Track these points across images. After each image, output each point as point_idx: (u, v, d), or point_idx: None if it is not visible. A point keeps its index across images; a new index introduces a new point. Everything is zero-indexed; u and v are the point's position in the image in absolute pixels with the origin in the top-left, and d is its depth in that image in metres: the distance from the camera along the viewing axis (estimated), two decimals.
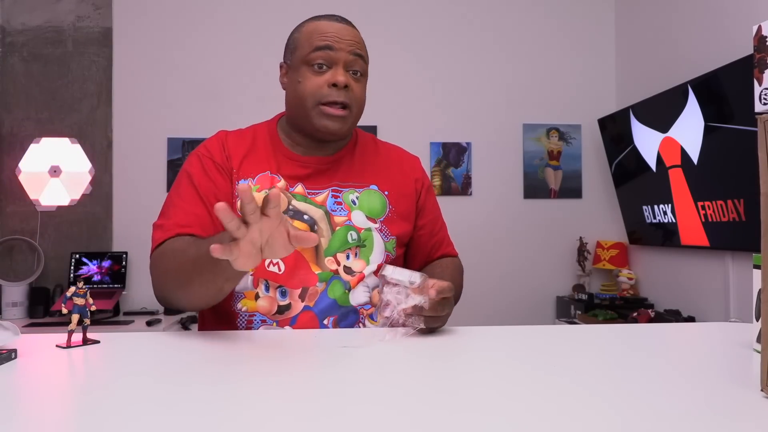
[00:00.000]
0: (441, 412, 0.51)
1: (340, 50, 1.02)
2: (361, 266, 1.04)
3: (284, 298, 0.99)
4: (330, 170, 1.08)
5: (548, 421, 0.49)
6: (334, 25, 1.05)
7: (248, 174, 1.04)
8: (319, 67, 1.02)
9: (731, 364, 0.69)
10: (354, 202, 1.06)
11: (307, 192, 1.05)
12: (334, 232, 1.03)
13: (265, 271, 0.99)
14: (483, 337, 0.91)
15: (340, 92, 1.01)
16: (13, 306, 2.81)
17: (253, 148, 1.08)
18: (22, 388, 0.60)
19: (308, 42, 1.04)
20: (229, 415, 0.50)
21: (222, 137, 1.09)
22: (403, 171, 1.15)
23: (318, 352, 0.78)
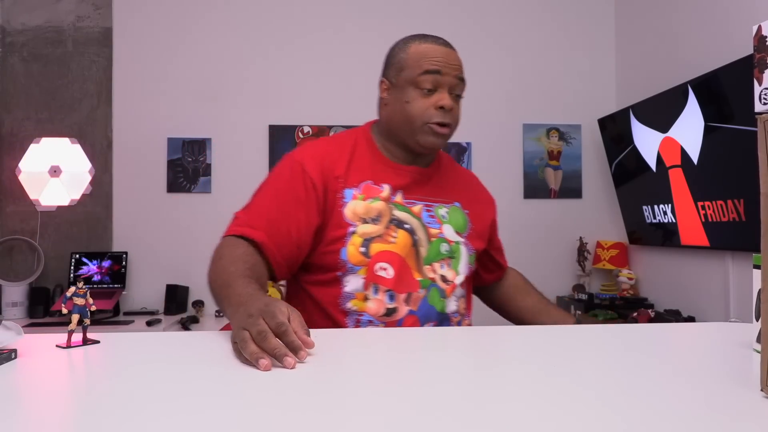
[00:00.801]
0: (441, 412, 0.51)
1: (447, 75, 1.09)
2: (453, 276, 1.12)
3: (392, 301, 1.05)
4: (424, 182, 1.16)
5: (548, 421, 0.49)
6: (441, 49, 1.11)
7: (354, 182, 1.09)
8: (428, 91, 1.09)
9: (731, 364, 0.69)
10: (444, 216, 1.15)
11: (404, 201, 1.11)
12: (431, 242, 1.10)
13: (375, 275, 1.04)
14: (483, 337, 0.91)
15: (445, 114, 1.09)
16: (13, 306, 2.81)
17: (353, 156, 1.13)
18: (22, 388, 0.60)
19: (417, 65, 1.09)
20: (229, 415, 0.50)
21: (321, 149, 1.13)
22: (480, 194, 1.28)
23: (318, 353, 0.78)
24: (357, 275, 1.04)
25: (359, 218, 1.06)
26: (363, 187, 1.09)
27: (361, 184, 1.09)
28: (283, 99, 3.15)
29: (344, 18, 3.20)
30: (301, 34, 3.17)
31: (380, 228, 1.06)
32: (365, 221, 1.06)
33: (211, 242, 3.54)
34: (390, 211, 1.08)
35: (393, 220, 1.08)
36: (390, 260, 1.05)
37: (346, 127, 3.14)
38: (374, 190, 1.09)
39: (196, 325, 2.79)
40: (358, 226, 1.06)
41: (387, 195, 1.10)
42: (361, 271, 1.04)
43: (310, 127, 3.14)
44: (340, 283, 1.05)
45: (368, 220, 1.06)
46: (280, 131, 3.13)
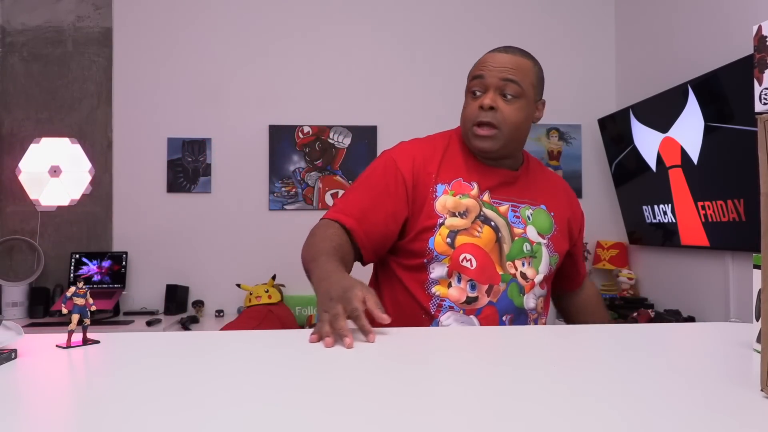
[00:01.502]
0: (440, 412, 0.51)
1: (490, 77, 1.14)
2: (533, 274, 1.17)
3: (473, 290, 1.11)
4: (512, 183, 1.21)
5: (548, 421, 0.49)
6: (496, 54, 1.17)
7: (446, 179, 1.16)
8: (474, 94, 1.16)
9: (731, 364, 0.69)
10: (529, 217, 1.20)
11: (492, 201, 1.17)
12: (514, 240, 1.16)
13: (459, 265, 1.11)
14: (483, 337, 0.91)
15: (486, 113, 1.13)
16: (13, 306, 2.81)
17: (446, 154, 1.20)
18: (22, 388, 0.60)
19: (471, 72, 1.19)
20: (229, 415, 0.50)
21: (415, 147, 1.21)
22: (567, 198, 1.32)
23: (318, 353, 0.78)
24: (442, 263, 1.12)
25: (448, 211, 1.13)
26: (454, 184, 1.16)
27: (452, 181, 1.16)
28: (283, 99, 3.15)
29: (344, 18, 3.20)
30: (302, 35, 3.17)
31: (467, 222, 1.13)
32: (454, 215, 1.13)
33: (211, 242, 3.56)
34: (478, 208, 1.15)
35: (480, 216, 1.14)
36: (474, 252, 1.11)
37: (346, 127, 3.15)
38: (464, 187, 1.16)
39: (196, 325, 2.79)
40: (447, 218, 1.13)
41: (476, 193, 1.16)
42: (445, 260, 1.11)
43: (310, 127, 3.14)
44: (426, 269, 1.13)
45: (456, 214, 1.13)
46: (280, 131, 3.13)
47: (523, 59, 1.18)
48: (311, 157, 3.14)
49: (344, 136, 3.15)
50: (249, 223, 3.10)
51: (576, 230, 1.31)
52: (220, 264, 3.07)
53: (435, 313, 1.12)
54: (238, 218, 3.10)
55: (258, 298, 2.79)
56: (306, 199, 3.13)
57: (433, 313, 1.12)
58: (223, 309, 3.00)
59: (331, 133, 3.14)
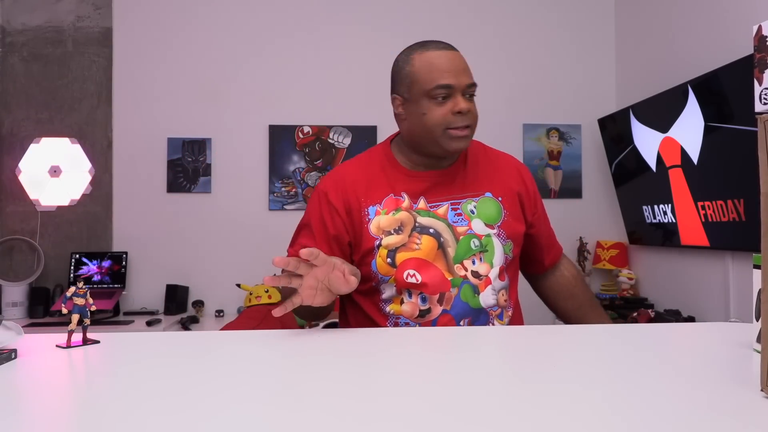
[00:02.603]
0: (440, 412, 0.51)
1: (458, 85, 1.12)
2: (486, 269, 1.14)
3: (425, 303, 1.11)
4: (447, 182, 1.18)
5: (548, 421, 0.49)
6: (446, 55, 1.13)
7: (375, 200, 1.16)
8: (442, 99, 1.12)
9: (731, 364, 0.69)
10: (472, 211, 1.17)
11: (428, 206, 1.15)
12: (458, 241, 1.13)
13: (405, 282, 1.11)
14: (483, 337, 0.91)
15: (464, 117, 1.13)
16: (13, 306, 2.81)
17: (372, 174, 1.19)
18: (22, 388, 0.60)
19: (428, 77, 1.12)
20: (229, 415, 0.50)
21: (339, 175, 1.20)
22: (512, 175, 1.25)
23: (319, 353, 0.78)
24: (389, 284, 1.12)
25: (383, 231, 1.13)
26: (385, 202, 1.15)
27: (383, 200, 1.16)
28: (283, 99, 3.15)
29: (344, 18, 3.20)
30: (302, 35, 3.17)
31: (403, 237, 1.13)
32: (389, 233, 1.13)
33: (211, 242, 3.56)
34: (413, 220, 1.14)
35: (416, 227, 1.13)
36: (416, 266, 1.11)
37: (346, 127, 3.15)
38: (395, 202, 1.15)
39: (196, 325, 2.79)
40: (383, 238, 1.13)
41: (408, 204, 1.15)
42: (390, 280, 1.12)
43: (310, 127, 3.14)
44: (378, 291, 1.14)
45: (392, 232, 1.13)
46: (280, 131, 3.13)
47: (461, 55, 1.17)
48: (311, 157, 3.14)
49: (344, 136, 3.15)
50: (249, 223, 3.10)
51: (530, 207, 1.25)
52: (220, 264, 3.07)
53: None
54: (238, 218, 3.10)
55: (258, 298, 2.79)
56: (306, 199, 3.13)
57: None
58: (223, 309, 3.00)
59: (331, 133, 3.14)
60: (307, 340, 0.87)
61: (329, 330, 1.00)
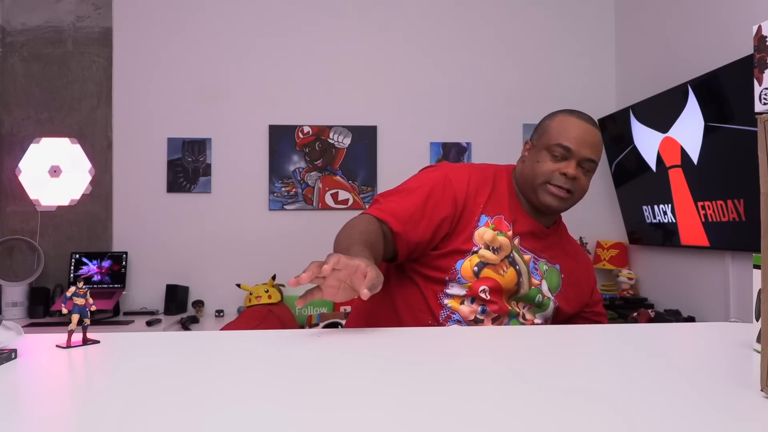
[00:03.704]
0: (439, 412, 0.51)
1: (577, 153, 1.20)
2: (531, 319, 1.24)
3: (483, 314, 1.18)
4: (540, 238, 1.28)
5: (548, 421, 0.49)
6: (582, 125, 1.22)
7: (490, 212, 1.22)
8: (554, 156, 1.21)
9: (731, 364, 0.69)
10: (545, 273, 1.27)
11: (520, 247, 1.24)
12: (531, 289, 1.23)
13: (477, 294, 1.17)
14: (483, 337, 0.91)
15: (567, 181, 1.20)
16: (13, 306, 2.81)
17: (495, 189, 1.25)
18: (22, 388, 0.60)
19: (556, 134, 1.21)
20: (229, 415, 0.50)
21: (470, 172, 1.25)
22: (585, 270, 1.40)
23: (319, 352, 0.78)
24: (462, 286, 1.18)
25: (484, 243, 1.19)
26: (495, 219, 1.22)
27: (494, 216, 1.22)
28: (283, 99, 3.15)
29: (344, 18, 3.20)
30: (302, 35, 3.17)
31: (497, 258, 1.19)
32: (488, 247, 1.19)
33: (211, 242, 3.56)
34: (510, 249, 1.21)
35: (509, 257, 1.21)
36: (492, 287, 1.18)
37: (346, 127, 3.15)
38: (504, 226, 1.22)
39: (196, 325, 2.79)
40: (481, 249, 1.19)
41: (510, 235, 1.22)
42: (466, 285, 1.17)
43: (310, 127, 3.14)
44: (444, 284, 1.19)
45: (490, 248, 1.19)
46: (280, 131, 3.13)
47: (600, 135, 1.25)
48: (311, 157, 3.14)
49: (344, 136, 3.15)
50: (249, 223, 3.10)
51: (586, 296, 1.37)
52: (220, 264, 3.07)
53: (443, 321, 1.17)
54: (238, 218, 3.10)
55: (258, 298, 2.79)
56: (306, 199, 3.13)
57: (441, 321, 1.17)
58: (223, 309, 3.00)
59: (331, 133, 3.14)
60: (307, 340, 0.87)
61: (330, 330, 1.00)
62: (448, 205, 1.18)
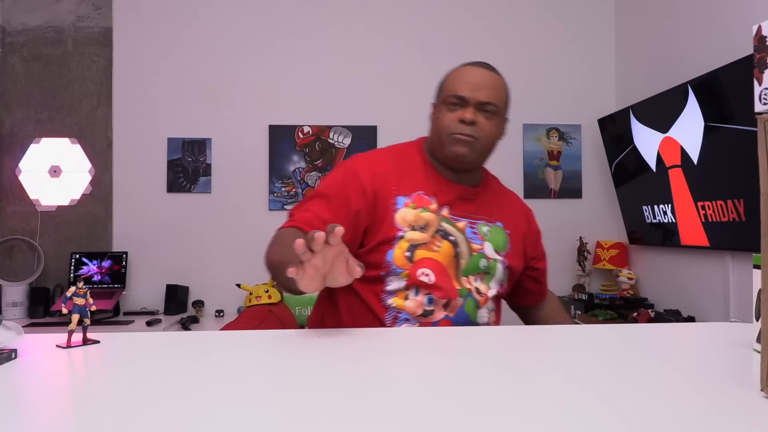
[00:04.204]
0: (440, 413, 0.51)
1: (472, 99, 1.16)
2: (485, 289, 1.18)
3: (430, 304, 1.12)
4: (470, 200, 1.22)
5: (548, 422, 0.49)
6: (475, 71, 1.18)
7: (406, 192, 1.16)
8: (452, 107, 1.17)
9: (731, 364, 0.69)
10: (486, 234, 1.21)
11: (451, 216, 1.18)
12: (472, 256, 1.17)
13: (417, 279, 1.11)
14: (483, 337, 0.91)
15: (466, 126, 1.15)
16: (13, 306, 2.81)
17: (408, 166, 1.20)
18: (22, 388, 0.60)
19: (451, 86, 1.19)
20: (229, 415, 0.50)
21: (375, 158, 1.21)
22: (520, 217, 1.32)
23: (320, 352, 0.78)
24: (400, 277, 1.12)
25: (408, 225, 1.13)
26: (415, 196, 1.16)
27: (413, 194, 1.16)
28: (283, 99, 3.15)
29: (344, 18, 3.20)
30: (302, 35, 3.17)
31: (427, 236, 1.13)
32: (414, 228, 1.13)
33: (211, 242, 3.56)
34: (438, 222, 1.15)
35: (439, 231, 1.15)
36: (432, 267, 1.12)
37: (346, 127, 3.15)
38: (425, 201, 1.16)
39: (196, 325, 2.79)
40: (407, 232, 1.13)
41: (435, 207, 1.17)
42: (403, 273, 1.11)
43: (310, 127, 3.14)
44: (382, 282, 1.12)
45: (416, 228, 1.13)
46: (280, 131, 3.13)
47: (498, 78, 1.20)
48: (311, 157, 3.14)
49: (344, 136, 3.15)
50: (249, 223, 3.10)
51: (530, 248, 1.32)
52: (220, 264, 3.07)
53: (390, 324, 1.11)
54: (238, 218, 3.10)
55: (258, 298, 2.79)
56: None
57: (389, 324, 1.11)
58: (223, 309, 3.00)
59: (331, 133, 3.14)
60: (308, 340, 0.87)
61: (331, 330, 1.00)
62: (359, 198, 1.13)
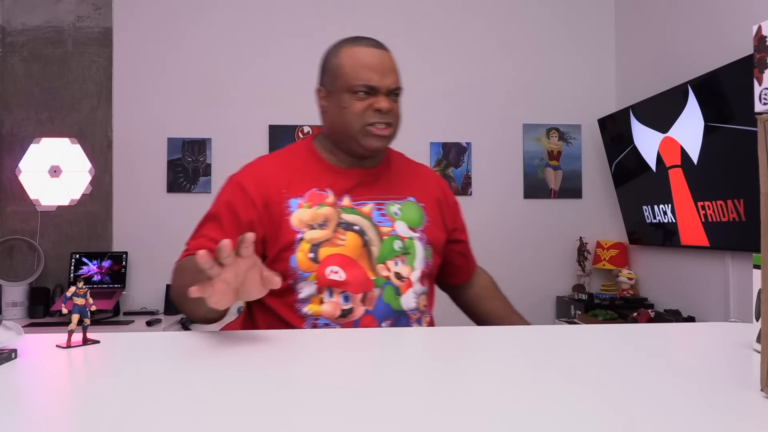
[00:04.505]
0: (440, 413, 0.51)
1: (382, 86, 1.10)
2: (408, 272, 1.12)
3: (347, 302, 1.06)
4: (372, 182, 1.16)
5: (548, 422, 0.49)
6: (373, 53, 1.12)
7: (298, 192, 1.10)
8: (364, 94, 1.10)
9: (731, 364, 0.69)
10: (396, 213, 1.15)
11: (353, 204, 1.12)
12: (383, 241, 1.11)
13: (326, 279, 1.06)
14: (483, 337, 0.91)
15: (384, 116, 1.11)
16: (13, 306, 2.81)
17: (294, 167, 1.15)
18: (22, 388, 0.60)
19: (352, 73, 1.10)
20: (230, 415, 0.50)
21: (260, 166, 1.16)
22: (432, 185, 1.26)
23: (320, 352, 0.78)
24: (309, 281, 1.06)
25: (306, 225, 1.08)
26: (308, 195, 1.11)
27: (305, 193, 1.11)
28: (283, 99, 3.15)
29: (344, 18, 3.20)
30: (302, 34, 3.17)
31: (328, 232, 1.08)
32: (312, 227, 1.08)
33: None
34: (337, 216, 1.10)
35: (341, 224, 1.09)
36: (340, 263, 1.07)
37: None
38: (319, 197, 1.11)
39: (196, 325, 2.79)
40: (306, 232, 1.07)
41: (333, 200, 1.11)
42: (311, 276, 1.06)
43: (310, 127, 3.14)
44: (293, 291, 1.07)
45: (315, 226, 1.08)
46: (280, 131, 3.13)
47: (393, 57, 1.15)
48: None
49: None
50: None
51: (450, 217, 1.26)
52: None
53: None
54: None
55: None
56: None
57: None
58: None
59: None
60: (309, 340, 0.87)
61: (332, 330, 1.00)
62: (248, 209, 1.08)
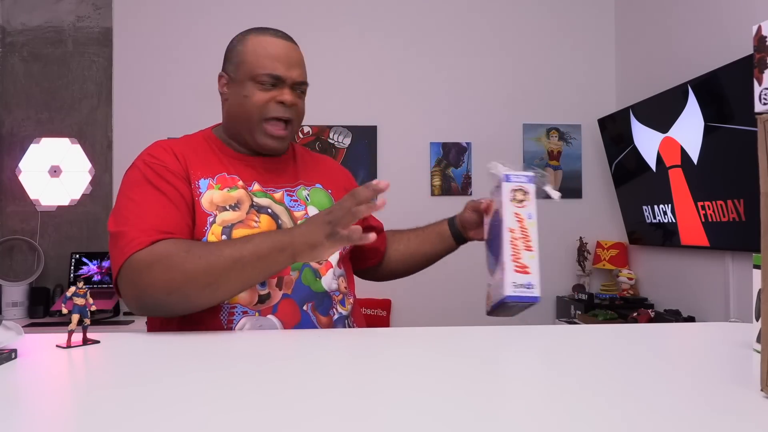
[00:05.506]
0: (440, 412, 0.51)
1: (288, 78, 1.08)
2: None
3: (263, 287, 1.00)
4: (279, 170, 1.14)
5: (548, 422, 0.49)
6: (282, 44, 1.10)
7: (207, 174, 1.05)
8: (266, 85, 1.07)
9: (731, 364, 0.69)
10: (307, 198, 1.13)
11: (264, 189, 1.09)
12: (297, 223, 1.06)
13: None
14: (483, 337, 0.91)
15: (286, 109, 1.08)
16: (13, 306, 2.81)
17: (201, 150, 1.10)
18: (22, 388, 0.60)
19: (258, 62, 1.07)
20: (229, 415, 0.50)
21: (165, 145, 1.09)
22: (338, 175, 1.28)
23: (320, 352, 0.78)
24: None
25: (217, 207, 1.02)
26: (218, 177, 1.06)
27: (216, 176, 1.06)
28: None
29: (344, 18, 3.20)
30: (301, 34, 3.15)
31: (241, 214, 1.03)
32: (224, 209, 1.02)
33: None
34: (250, 199, 1.05)
35: (254, 206, 1.05)
36: None
37: (346, 127, 3.14)
38: (230, 180, 1.06)
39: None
40: (217, 214, 1.01)
41: (243, 185, 1.07)
42: None
43: (310, 127, 3.14)
44: None
45: (227, 208, 1.02)
46: None
47: (301, 52, 1.15)
48: None
49: (344, 136, 3.15)
50: None
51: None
52: None
53: (227, 323, 0.98)
54: None
55: None
56: None
57: (226, 324, 0.98)
58: None
59: (331, 133, 3.14)
60: (310, 339, 0.87)
61: (333, 330, 1.00)
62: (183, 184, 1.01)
